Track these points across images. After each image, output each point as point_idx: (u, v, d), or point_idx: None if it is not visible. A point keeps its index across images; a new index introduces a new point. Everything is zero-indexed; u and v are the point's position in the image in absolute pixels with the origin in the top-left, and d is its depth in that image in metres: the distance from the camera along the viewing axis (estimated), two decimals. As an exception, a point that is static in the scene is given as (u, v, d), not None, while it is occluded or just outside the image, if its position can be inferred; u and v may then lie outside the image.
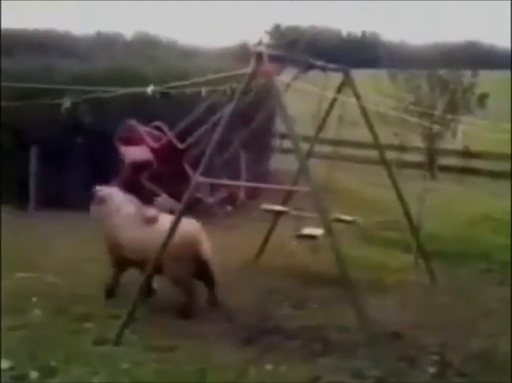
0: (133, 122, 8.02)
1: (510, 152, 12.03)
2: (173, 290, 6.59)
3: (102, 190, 6.92)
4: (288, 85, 6.82)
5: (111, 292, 6.84)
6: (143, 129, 7.99)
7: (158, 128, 8.05)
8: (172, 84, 7.12)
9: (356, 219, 7.88)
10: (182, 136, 7.83)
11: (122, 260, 6.70)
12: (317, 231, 7.26)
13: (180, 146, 7.71)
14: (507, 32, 48.32)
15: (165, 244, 5.81)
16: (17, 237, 8.68)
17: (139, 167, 7.69)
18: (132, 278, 6.61)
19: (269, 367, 5.37)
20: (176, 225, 5.80)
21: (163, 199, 7.22)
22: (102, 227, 6.84)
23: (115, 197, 6.87)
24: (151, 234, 6.29)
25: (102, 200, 6.85)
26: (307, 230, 7.63)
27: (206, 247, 6.54)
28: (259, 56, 5.65)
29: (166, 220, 6.21)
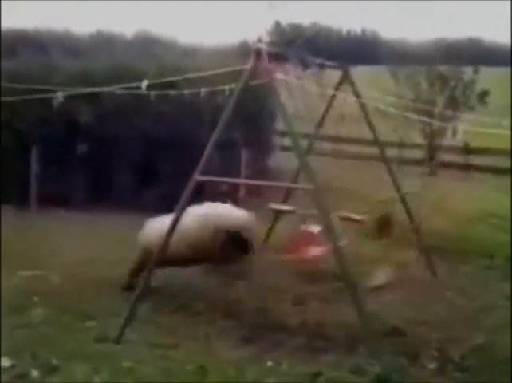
0: None
1: (510, 148, 11.96)
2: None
3: None
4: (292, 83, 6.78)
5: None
6: None
7: None
8: (168, 79, 7.06)
9: (364, 218, 7.78)
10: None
11: None
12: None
13: None
14: (508, 28, 48.18)
15: (167, 241, 5.85)
16: (19, 236, 8.70)
17: None
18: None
19: (270, 364, 5.38)
20: (177, 221, 5.83)
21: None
22: None
23: None
24: None
25: None
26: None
27: None
28: (258, 53, 5.65)
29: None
